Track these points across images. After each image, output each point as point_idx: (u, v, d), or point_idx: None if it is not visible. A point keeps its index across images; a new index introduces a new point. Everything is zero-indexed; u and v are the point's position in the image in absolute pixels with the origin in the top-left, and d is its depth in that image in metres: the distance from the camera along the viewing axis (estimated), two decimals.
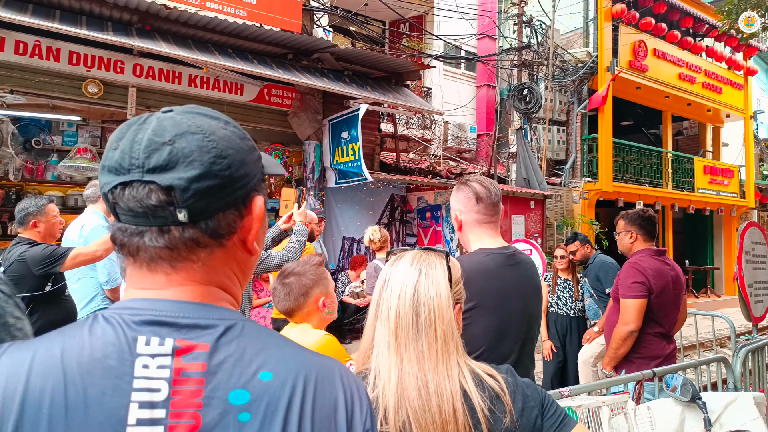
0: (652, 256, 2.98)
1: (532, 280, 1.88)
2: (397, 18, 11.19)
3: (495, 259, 1.77)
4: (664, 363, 2.90)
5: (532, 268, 1.91)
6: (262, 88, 6.96)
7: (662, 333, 2.95)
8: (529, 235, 8.79)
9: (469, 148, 11.46)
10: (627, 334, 2.86)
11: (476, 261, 1.76)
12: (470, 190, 1.87)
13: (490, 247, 1.83)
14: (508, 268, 1.78)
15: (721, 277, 14.49)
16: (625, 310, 2.88)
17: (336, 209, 7.79)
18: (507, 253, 1.82)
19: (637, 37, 11.13)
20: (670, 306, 2.96)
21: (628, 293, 2.89)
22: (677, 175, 12.69)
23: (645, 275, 2.86)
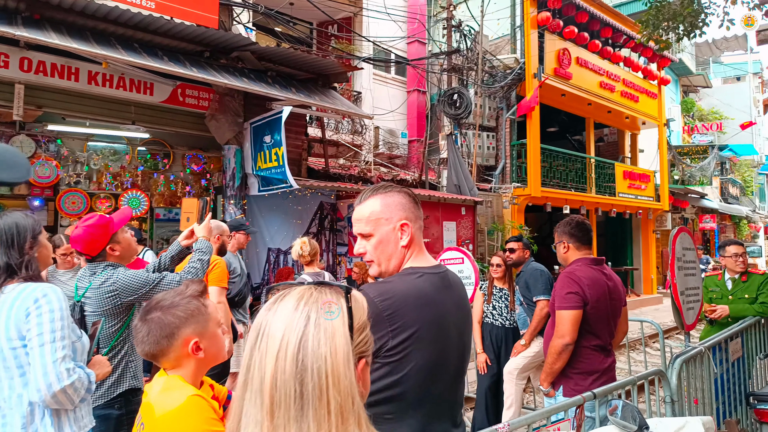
0: (588, 265, 2.85)
1: (465, 303, 1.63)
2: (325, 19, 10.83)
3: (430, 281, 1.49)
4: (603, 377, 2.78)
5: (463, 289, 1.66)
6: (176, 87, 6.37)
7: (600, 345, 2.82)
8: (461, 242, 8.68)
9: (401, 153, 11.26)
10: (562, 347, 2.71)
11: (411, 284, 1.46)
12: (409, 192, 1.59)
13: (423, 266, 1.54)
14: (443, 292, 1.51)
15: (639, 277, 15.19)
16: (560, 322, 2.74)
17: (260, 219, 7.29)
18: (440, 273, 1.54)
19: (562, 45, 11.40)
20: (607, 317, 2.83)
21: (563, 304, 2.75)
22: (600, 180, 13.14)
23: (580, 285, 2.73)
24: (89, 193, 6.95)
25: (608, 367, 2.84)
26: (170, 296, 1.53)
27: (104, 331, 2.47)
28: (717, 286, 4.33)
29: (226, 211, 6.83)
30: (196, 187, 7.50)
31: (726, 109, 27.67)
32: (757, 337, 4.21)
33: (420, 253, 1.56)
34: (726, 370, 3.55)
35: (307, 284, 0.87)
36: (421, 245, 1.58)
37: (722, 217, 23.73)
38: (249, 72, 6.50)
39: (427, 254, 1.60)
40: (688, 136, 23.99)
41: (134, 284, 2.48)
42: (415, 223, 1.55)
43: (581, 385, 2.73)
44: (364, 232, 1.53)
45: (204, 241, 2.90)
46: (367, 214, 1.53)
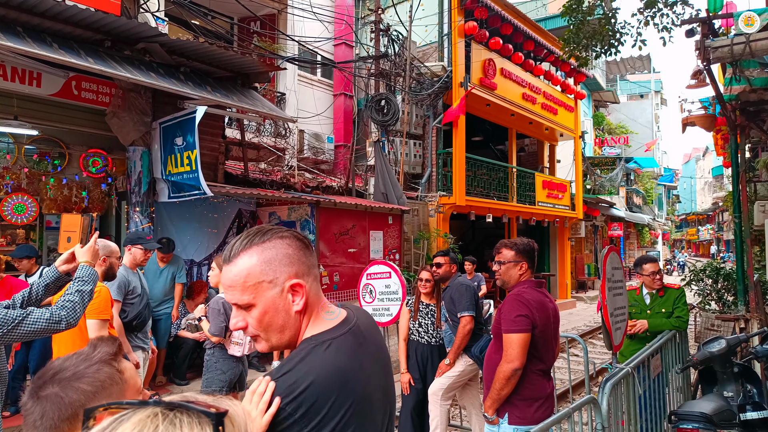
0: (534, 288, 2.80)
1: (383, 351, 1.34)
2: (247, 15, 10.26)
3: (342, 347, 1.16)
4: (546, 404, 2.73)
5: (377, 331, 1.36)
6: (69, 79, 5.63)
7: (544, 370, 2.77)
8: (387, 251, 8.44)
9: (327, 159, 10.88)
10: (511, 372, 2.62)
11: (322, 363, 1.11)
12: (293, 236, 1.21)
13: (328, 329, 1.19)
14: (359, 354, 1.20)
15: (556, 282, 15.76)
16: (510, 346, 2.64)
17: (171, 228, 6.65)
18: (351, 330, 1.21)
19: (487, 56, 11.52)
20: (551, 341, 2.78)
21: (512, 327, 2.65)
22: (521, 189, 13.45)
23: (529, 308, 2.66)
24: None
25: (550, 393, 2.78)
26: (72, 363, 1.14)
27: None
28: (636, 301, 4.36)
29: (130, 220, 6.14)
30: (95, 191, 6.71)
31: (631, 124, 29.75)
32: (674, 351, 4.32)
33: (319, 312, 1.22)
34: (648, 386, 3.57)
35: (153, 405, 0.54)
36: (319, 300, 1.23)
37: (628, 224, 25.38)
38: (158, 66, 5.88)
39: (329, 306, 1.26)
40: (599, 148, 25.46)
41: None
42: (309, 275, 1.20)
43: (527, 412, 2.67)
44: (242, 302, 1.14)
45: (87, 267, 2.40)
46: (243, 277, 1.13)
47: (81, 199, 6.48)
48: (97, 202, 6.72)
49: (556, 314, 2.83)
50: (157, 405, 0.61)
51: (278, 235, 1.18)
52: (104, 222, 6.91)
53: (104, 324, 3.13)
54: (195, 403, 0.62)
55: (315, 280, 1.22)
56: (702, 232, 53.27)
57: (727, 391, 3.62)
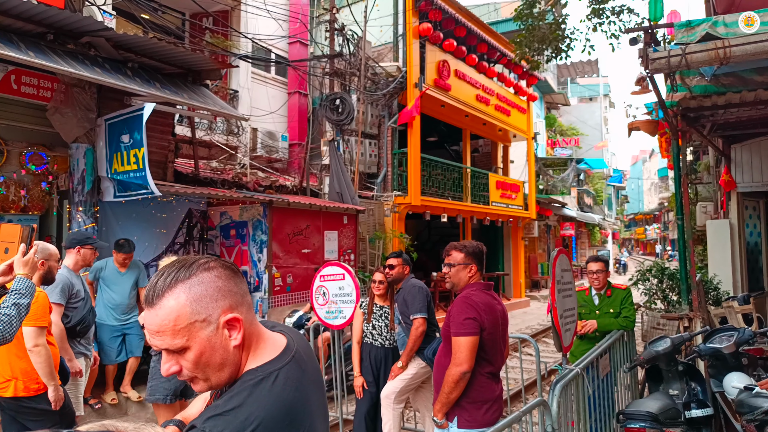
0: (482, 290, 2.80)
1: (319, 372, 1.30)
2: (199, 11, 10.04)
3: (287, 379, 1.11)
4: (494, 406, 2.76)
5: (312, 353, 1.31)
6: (8, 73, 5.38)
7: (493, 373, 2.78)
8: (342, 251, 8.46)
9: (281, 157, 10.78)
10: (460, 375, 2.61)
11: (269, 399, 1.06)
12: (220, 264, 1.13)
13: (269, 359, 1.13)
14: (303, 382, 1.15)
15: (510, 281, 16.13)
16: (458, 350, 2.63)
17: (116, 228, 6.44)
18: (293, 358, 1.16)
19: (442, 57, 11.70)
20: (499, 343, 2.80)
21: (460, 330, 2.64)
22: (475, 189, 13.71)
23: (477, 310, 2.66)
24: None
25: (499, 395, 2.80)
26: None
27: None
28: (585, 302, 4.45)
29: (73, 219, 5.92)
30: (36, 190, 6.43)
31: (581, 126, 30.80)
32: (621, 351, 4.40)
33: (258, 341, 1.15)
34: (597, 386, 3.66)
35: None
36: (256, 329, 1.16)
37: (579, 224, 26.24)
38: (103, 61, 5.70)
39: (264, 334, 1.18)
40: (551, 149, 26.22)
41: None
42: (243, 305, 1.12)
43: (476, 415, 2.67)
44: (174, 347, 1.05)
45: (24, 279, 2.32)
46: (172, 321, 1.04)
47: (20, 198, 6.21)
48: (37, 200, 6.44)
49: (504, 316, 2.85)
50: None
51: (204, 267, 1.09)
52: (45, 222, 6.64)
53: (42, 331, 3.02)
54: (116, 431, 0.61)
55: (249, 309, 1.15)
56: (649, 231, 55.66)
57: (673, 389, 3.73)
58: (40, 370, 3.01)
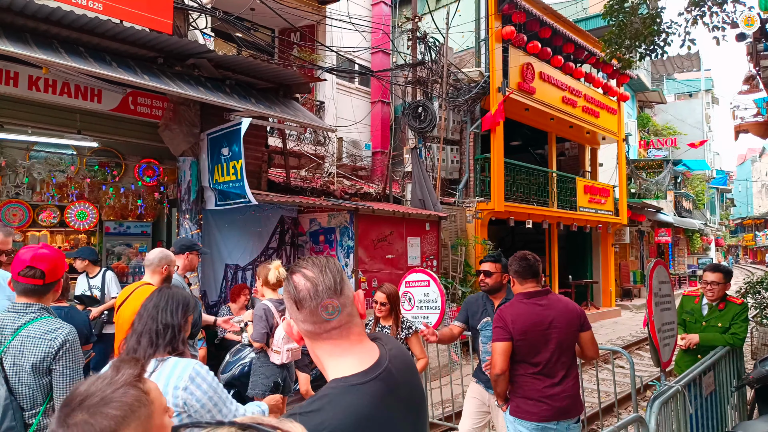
0: (520, 301, 3.03)
1: (415, 391, 1.30)
2: (287, 26, 10.58)
3: (371, 393, 1.16)
4: (543, 403, 2.91)
5: (410, 371, 1.32)
6: (126, 95, 6.00)
7: (538, 373, 2.94)
8: (425, 258, 8.54)
9: (365, 165, 11.08)
10: (494, 376, 2.96)
11: (350, 408, 1.12)
12: (291, 287, 1.23)
13: (352, 374, 1.19)
14: (389, 400, 1.19)
15: (599, 290, 15.42)
16: (493, 354, 3.00)
17: (217, 234, 6.95)
18: (381, 374, 1.19)
19: (526, 60, 11.48)
20: (539, 346, 2.94)
21: (493, 337, 3.01)
22: (561, 194, 13.27)
23: (504, 321, 2.95)
24: (32, 205, 6.50)
25: (550, 393, 2.92)
26: (98, 388, 1.10)
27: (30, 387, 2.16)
28: (692, 310, 4.16)
29: (180, 226, 6.48)
30: (149, 199, 7.12)
31: (679, 125, 28.75)
32: (728, 368, 4.08)
33: (336, 354, 1.22)
34: (700, 405, 3.45)
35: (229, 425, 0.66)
36: (332, 345, 1.22)
37: (677, 230, 24.52)
38: (206, 80, 6.20)
39: (358, 346, 1.23)
40: (644, 150, 24.76)
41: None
42: (297, 323, 1.25)
43: (522, 407, 2.97)
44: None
45: None
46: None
47: (136, 207, 6.89)
48: (150, 209, 7.12)
49: (551, 321, 2.94)
50: (232, 425, 0.70)
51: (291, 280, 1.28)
52: (156, 228, 7.31)
53: None
54: (263, 424, 0.71)
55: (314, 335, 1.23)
56: (759, 238, 50.79)
57: None
58: None
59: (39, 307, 2.26)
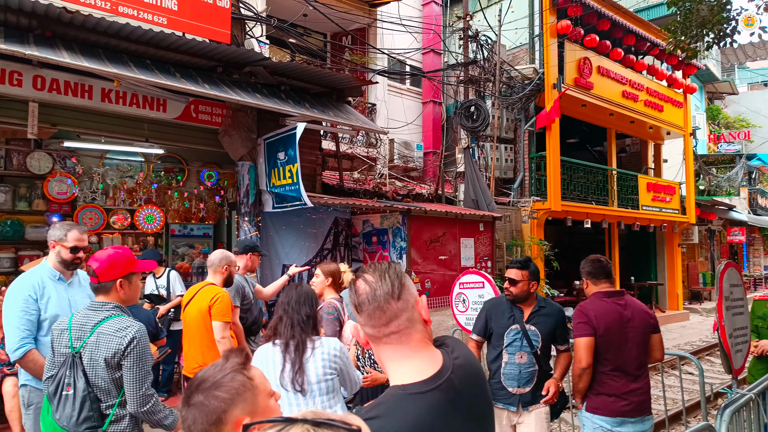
0: (600, 298, 3.13)
1: (480, 401, 1.29)
2: (339, 30, 10.76)
3: (430, 403, 1.16)
4: (621, 401, 3.01)
5: (477, 380, 1.30)
6: (188, 104, 6.30)
7: (616, 371, 3.04)
8: (479, 259, 8.45)
9: (416, 166, 11.09)
10: (579, 371, 3.05)
11: (399, 418, 1.12)
12: (353, 291, 1.28)
13: (411, 382, 1.19)
14: (449, 410, 1.18)
15: (664, 292, 14.71)
16: (576, 349, 3.08)
17: (275, 236, 7.17)
18: (441, 384, 1.19)
19: (582, 54, 11.14)
20: (619, 344, 3.04)
21: (575, 333, 3.09)
22: (622, 192, 12.77)
23: (588, 316, 3.05)
24: (105, 209, 6.94)
25: (627, 390, 3.03)
26: (211, 373, 1.31)
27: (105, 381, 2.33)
28: (764, 315, 3.94)
29: (240, 228, 6.73)
30: (210, 203, 7.44)
31: (753, 117, 26.94)
32: None
33: (398, 359, 1.23)
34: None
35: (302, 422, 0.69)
36: (393, 349, 1.24)
37: (751, 229, 22.99)
38: (262, 87, 6.41)
39: (419, 352, 1.23)
40: (714, 144, 23.40)
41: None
42: (361, 326, 1.27)
43: (599, 404, 3.07)
44: None
45: None
46: None
47: (199, 210, 7.22)
48: (211, 212, 7.44)
49: (631, 320, 3.05)
50: (305, 422, 0.73)
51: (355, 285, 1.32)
52: (217, 230, 7.63)
53: (226, 326, 3.53)
54: (333, 419, 0.75)
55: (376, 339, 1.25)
56: None
57: None
58: None
59: (113, 305, 2.43)
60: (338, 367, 2.57)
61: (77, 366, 2.31)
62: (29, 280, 2.87)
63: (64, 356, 2.35)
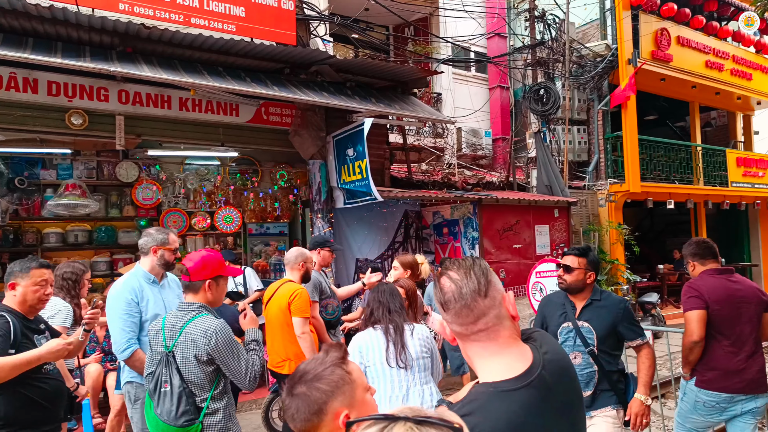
0: (711, 275, 3.18)
1: (571, 395, 1.26)
2: (400, 22, 10.70)
3: (523, 400, 1.14)
4: (733, 378, 3.03)
5: (568, 375, 1.28)
6: (259, 107, 6.49)
7: (730, 347, 3.05)
8: (554, 246, 8.18)
9: (485, 153, 10.86)
10: (691, 344, 3.07)
11: (492, 415, 1.11)
12: (438, 289, 1.27)
13: (502, 379, 1.17)
14: (542, 407, 1.16)
15: (759, 273, 13.61)
16: (687, 323, 3.11)
17: (347, 230, 7.28)
18: (533, 381, 1.17)
19: (659, 25, 10.43)
20: (732, 320, 3.06)
21: (686, 307, 3.12)
22: (708, 169, 11.91)
23: (699, 291, 3.09)
24: (187, 212, 7.31)
25: (740, 368, 3.03)
26: (312, 366, 1.42)
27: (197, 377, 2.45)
28: None
29: (314, 225, 6.88)
30: (284, 201, 7.65)
31: None
32: None
33: (486, 356, 1.22)
34: None
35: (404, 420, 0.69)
36: (481, 346, 1.23)
37: None
38: (328, 85, 6.49)
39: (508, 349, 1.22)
40: None
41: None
42: (447, 324, 1.27)
43: (708, 377, 3.10)
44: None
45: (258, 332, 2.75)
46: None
47: (274, 209, 7.45)
48: (285, 210, 7.66)
49: (744, 296, 3.07)
50: (408, 420, 0.74)
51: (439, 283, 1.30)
52: (292, 228, 7.86)
53: (306, 321, 3.62)
54: (431, 417, 0.75)
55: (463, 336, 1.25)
56: None
57: None
58: (307, 353, 3.61)
59: (199, 305, 2.55)
60: (430, 348, 2.85)
61: (171, 364, 2.45)
62: (129, 284, 3.07)
63: (160, 355, 2.50)
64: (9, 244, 6.59)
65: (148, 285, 3.12)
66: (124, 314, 2.97)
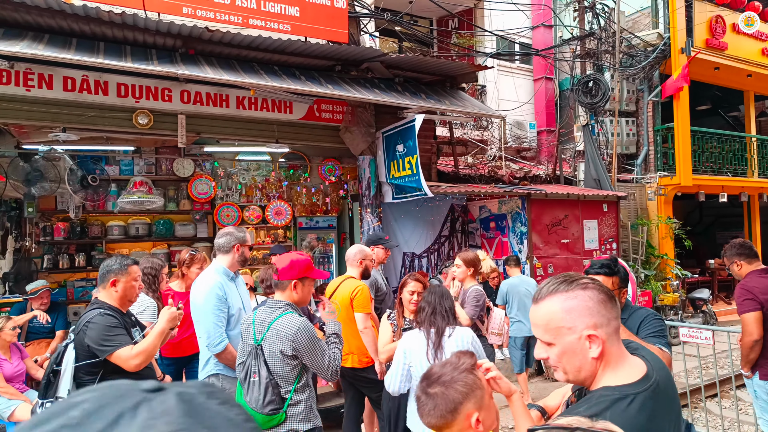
0: (759, 275, 3.46)
1: (675, 405, 1.36)
2: (444, 14, 10.66)
3: (644, 405, 1.23)
4: None
5: (672, 385, 1.36)
6: (312, 105, 6.64)
7: None
8: (603, 241, 8.10)
9: (530, 146, 10.77)
10: (752, 343, 3.38)
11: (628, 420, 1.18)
12: (597, 287, 1.32)
13: (630, 381, 1.27)
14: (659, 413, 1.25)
15: None
16: (745, 324, 3.40)
17: (395, 225, 7.40)
18: (651, 386, 1.27)
19: (714, 12, 10.08)
20: None
21: (741, 309, 3.42)
22: (764, 161, 11.50)
23: (752, 292, 3.36)
24: (240, 206, 7.55)
25: None
26: (448, 370, 1.58)
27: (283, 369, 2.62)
28: None
29: (363, 219, 7.02)
30: (333, 196, 7.82)
31: None
32: None
33: (618, 361, 1.30)
34: None
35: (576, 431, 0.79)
36: (618, 351, 1.31)
37: None
38: (378, 82, 6.58)
39: (625, 357, 1.32)
40: None
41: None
42: (608, 326, 1.29)
43: None
44: (544, 339, 1.34)
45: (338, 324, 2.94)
46: (545, 321, 1.32)
47: (324, 204, 7.62)
48: (334, 204, 7.83)
49: None
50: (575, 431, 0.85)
51: (581, 286, 1.32)
52: (341, 222, 8.02)
53: (367, 317, 3.76)
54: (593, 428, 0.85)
55: (614, 332, 1.31)
56: None
57: None
58: (369, 347, 3.75)
59: (285, 303, 2.71)
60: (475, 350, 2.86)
61: (260, 357, 2.62)
62: (216, 280, 3.25)
63: (250, 347, 2.68)
64: (76, 236, 6.99)
65: (228, 281, 3.31)
66: (216, 309, 3.16)
